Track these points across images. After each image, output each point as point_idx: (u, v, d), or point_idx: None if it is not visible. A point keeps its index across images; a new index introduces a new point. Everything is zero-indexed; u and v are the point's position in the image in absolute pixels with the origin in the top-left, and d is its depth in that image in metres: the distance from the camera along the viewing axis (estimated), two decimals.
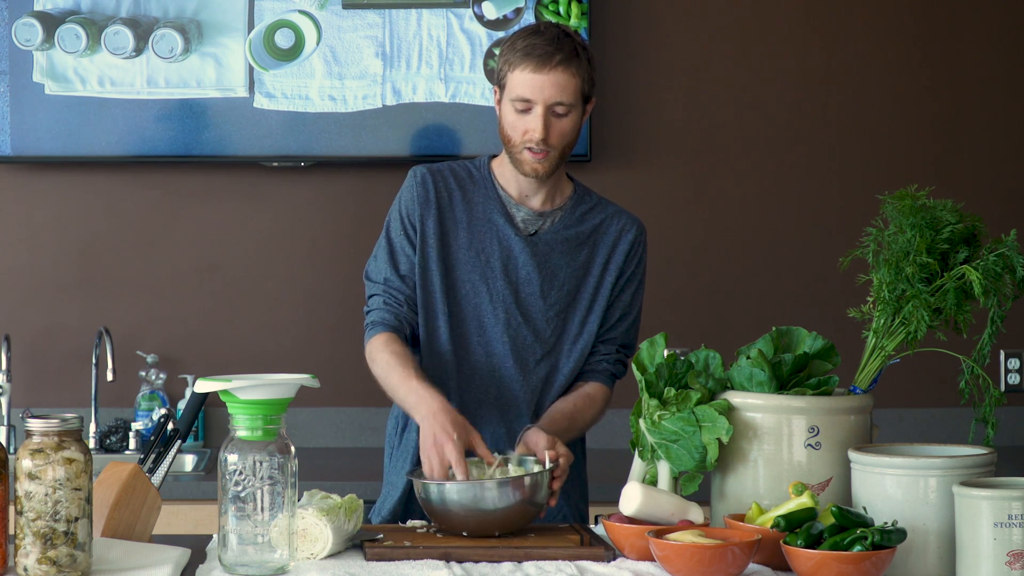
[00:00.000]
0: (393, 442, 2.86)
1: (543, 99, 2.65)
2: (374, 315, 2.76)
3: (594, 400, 2.80)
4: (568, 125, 2.69)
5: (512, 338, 2.76)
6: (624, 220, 2.83)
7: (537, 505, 2.46)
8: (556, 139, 2.68)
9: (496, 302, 2.75)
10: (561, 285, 2.77)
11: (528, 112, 2.67)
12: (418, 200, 2.77)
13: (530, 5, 4.15)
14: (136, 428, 4.10)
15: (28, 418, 2.12)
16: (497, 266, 2.75)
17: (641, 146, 4.29)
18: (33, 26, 4.10)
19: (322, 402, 4.19)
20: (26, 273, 4.23)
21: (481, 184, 2.79)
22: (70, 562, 2.10)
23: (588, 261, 2.79)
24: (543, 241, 2.77)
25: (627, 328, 2.84)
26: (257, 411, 2.20)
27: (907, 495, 2.19)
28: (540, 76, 2.65)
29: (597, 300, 2.79)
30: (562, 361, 2.79)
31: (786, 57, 4.30)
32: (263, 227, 4.25)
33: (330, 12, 4.14)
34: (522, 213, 2.78)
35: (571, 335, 2.79)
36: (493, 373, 2.76)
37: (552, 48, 2.65)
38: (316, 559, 2.29)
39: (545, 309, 2.77)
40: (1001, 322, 2.41)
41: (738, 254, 4.30)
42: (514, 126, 2.69)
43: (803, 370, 2.43)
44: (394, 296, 2.75)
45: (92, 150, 4.14)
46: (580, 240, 2.79)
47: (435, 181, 2.78)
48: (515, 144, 2.70)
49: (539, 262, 2.76)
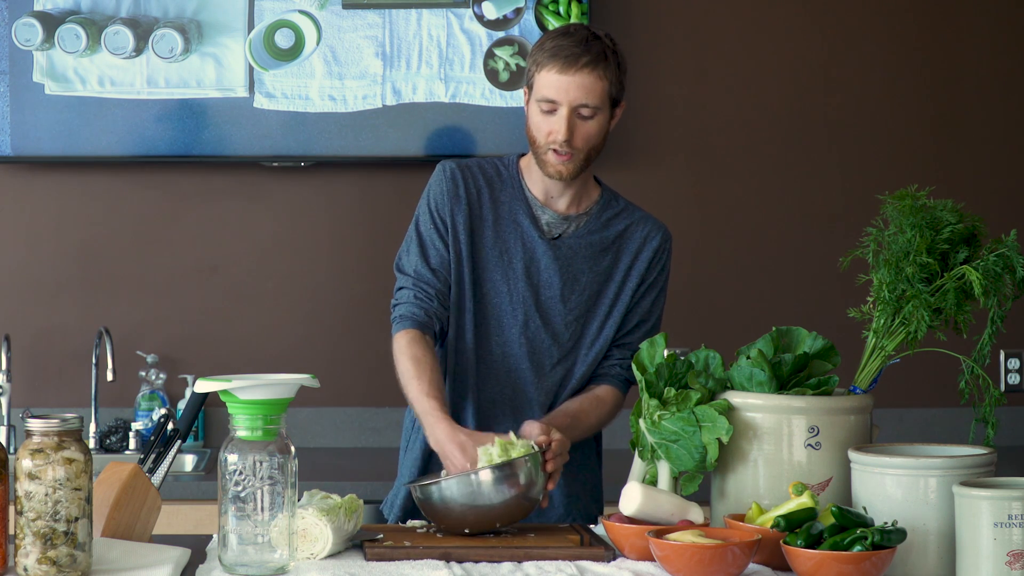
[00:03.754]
0: (409, 436, 2.86)
1: (568, 100, 2.64)
2: (403, 308, 2.74)
3: (602, 402, 2.79)
4: (594, 128, 2.68)
5: (529, 340, 2.76)
6: (650, 227, 2.83)
7: (534, 491, 2.45)
8: (581, 141, 2.67)
9: (516, 303, 2.75)
10: (583, 290, 2.77)
11: (553, 113, 2.66)
12: (448, 194, 2.76)
13: (530, 5, 4.15)
14: (136, 428, 4.10)
15: (28, 418, 2.12)
16: (519, 267, 2.75)
17: (641, 146, 4.29)
18: (33, 26, 4.10)
19: (322, 402, 4.19)
20: (26, 273, 4.23)
21: (509, 183, 2.78)
22: (70, 562, 2.10)
23: (611, 267, 2.79)
24: (566, 245, 2.76)
25: (644, 334, 2.80)
26: (257, 411, 2.20)
27: (907, 495, 2.19)
28: (566, 77, 2.64)
29: (617, 306, 2.79)
30: (578, 365, 2.79)
31: (786, 57, 4.30)
32: (263, 227, 4.25)
33: (330, 12, 4.14)
34: (547, 216, 2.77)
35: (589, 340, 2.79)
36: (509, 374, 2.76)
37: (580, 50, 2.64)
38: (316, 559, 2.29)
39: (564, 313, 2.76)
40: (1001, 322, 2.41)
41: (738, 254, 4.30)
42: (539, 127, 2.68)
43: (803, 370, 2.43)
44: (424, 290, 2.74)
45: (92, 150, 4.14)
46: (604, 246, 2.78)
47: (464, 177, 2.77)
48: (540, 145, 2.69)
49: (561, 266, 2.75)
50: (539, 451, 2.49)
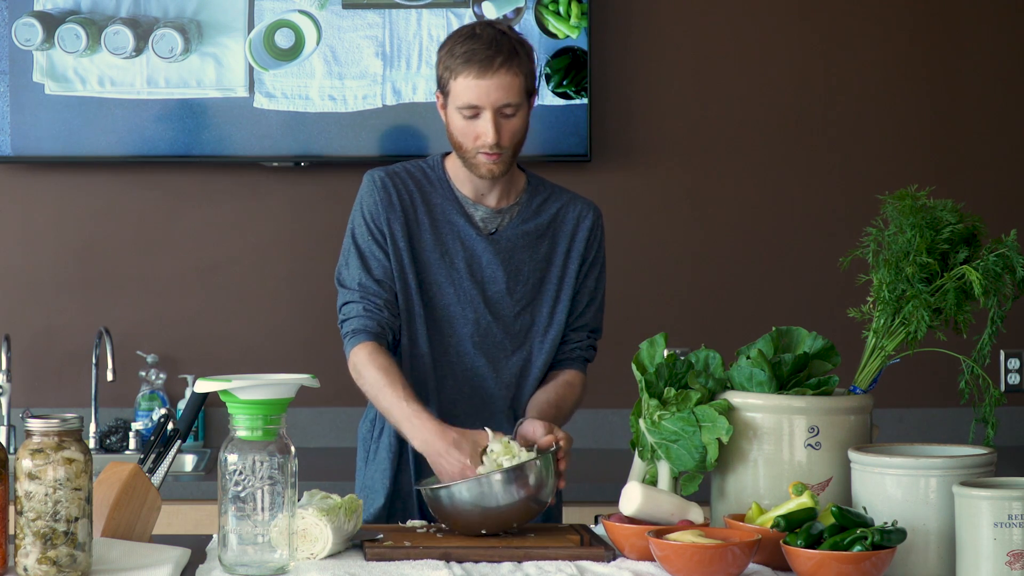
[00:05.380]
0: (368, 447, 2.86)
1: (490, 103, 2.66)
2: (354, 323, 2.73)
3: (573, 387, 2.82)
4: (518, 124, 2.70)
5: (483, 337, 2.77)
6: (580, 206, 2.85)
7: (547, 492, 2.46)
8: (508, 140, 2.69)
9: (464, 302, 2.76)
10: (526, 280, 2.79)
11: (476, 117, 2.67)
12: (382, 204, 2.77)
13: (530, 5, 4.15)
14: (136, 428, 4.10)
15: (28, 418, 2.12)
16: (462, 267, 2.76)
17: (641, 146, 4.29)
18: (33, 26, 4.10)
19: (322, 402, 4.18)
20: (26, 273, 4.23)
21: (438, 185, 2.80)
22: (70, 562, 2.10)
23: (550, 252, 2.81)
24: (504, 238, 2.78)
25: (595, 313, 2.86)
26: (257, 411, 2.20)
27: (907, 495, 2.19)
28: (485, 81, 2.65)
29: (563, 289, 2.81)
30: (535, 353, 2.80)
31: (786, 57, 4.30)
32: (263, 227, 4.25)
33: (330, 12, 4.14)
34: (480, 212, 2.78)
35: (541, 327, 2.80)
36: (466, 372, 2.77)
37: (493, 51, 2.65)
38: (316, 559, 2.29)
39: (512, 305, 2.78)
40: (1001, 322, 2.41)
41: (738, 254, 4.30)
42: (464, 132, 2.70)
43: (803, 370, 2.43)
44: (372, 301, 2.73)
45: (92, 150, 4.14)
46: (540, 232, 2.80)
47: (395, 184, 2.78)
48: (468, 150, 2.71)
49: (503, 260, 2.77)
50: (552, 452, 2.50)
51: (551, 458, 2.49)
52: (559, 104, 4.16)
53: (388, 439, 2.80)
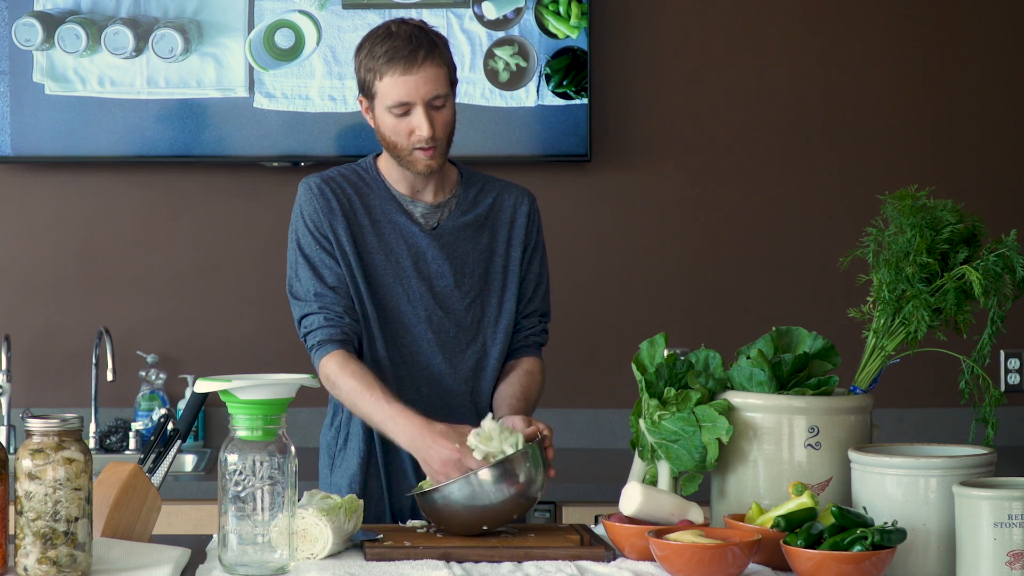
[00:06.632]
0: (333, 454, 2.85)
1: (420, 97, 2.68)
2: (318, 334, 2.72)
3: (534, 375, 2.83)
4: (448, 114, 2.73)
5: (436, 333, 2.77)
6: (515, 194, 2.87)
7: (539, 482, 2.46)
8: (441, 131, 2.72)
9: (414, 300, 2.76)
10: (472, 271, 2.80)
11: (408, 114, 2.69)
12: (323, 211, 2.76)
13: (530, 5, 4.15)
14: (136, 428, 4.10)
15: (28, 418, 2.12)
16: (408, 265, 2.77)
17: (641, 147, 4.29)
18: (33, 26, 4.10)
19: (322, 402, 4.17)
20: (26, 273, 4.23)
21: (374, 186, 2.80)
22: (70, 562, 2.10)
23: (491, 242, 2.82)
24: (446, 232, 2.79)
25: (543, 297, 2.88)
26: (257, 411, 2.20)
27: (907, 495, 2.19)
28: (411, 77, 2.67)
29: (509, 278, 2.82)
30: (489, 345, 2.81)
31: (786, 57, 4.30)
32: (263, 227, 4.25)
33: (330, 12, 4.14)
34: (419, 208, 2.79)
35: (491, 318, 2.81)
36: (423, 371, 2.77)
37: (414, 46, 2.68)
38: (316, 559, 2.29)
39: (461, 298, 2.79)
40: (1001, 322, 2.41)
41: (738, 254, 4.30)
42: (397, 131, 2.71)
43: (803, 370, 2.43)
44: (332, 310, 2.73)
45: (92, 150, 4.14)
46: (479, 223, 2.82)
47: (332, 189, 2.78)
48: (403, 147, 2.72)
49: (448, 254, 2.78)
50: (538, 442, 2.50)
51: (538, 448, 2.49)
52: (559, 104, 4.16)
53: (357, 444, 2.79)
